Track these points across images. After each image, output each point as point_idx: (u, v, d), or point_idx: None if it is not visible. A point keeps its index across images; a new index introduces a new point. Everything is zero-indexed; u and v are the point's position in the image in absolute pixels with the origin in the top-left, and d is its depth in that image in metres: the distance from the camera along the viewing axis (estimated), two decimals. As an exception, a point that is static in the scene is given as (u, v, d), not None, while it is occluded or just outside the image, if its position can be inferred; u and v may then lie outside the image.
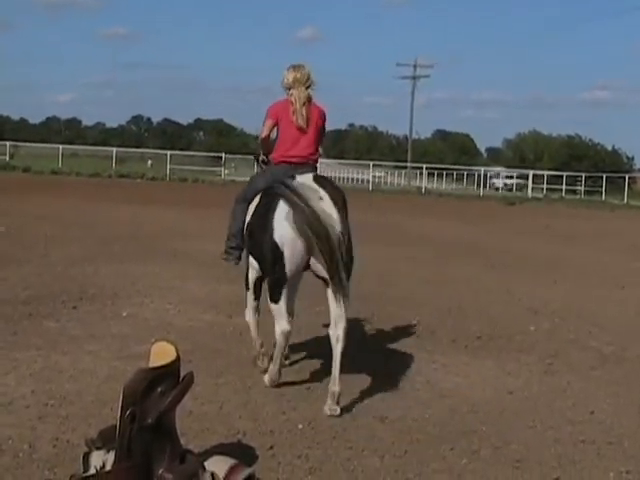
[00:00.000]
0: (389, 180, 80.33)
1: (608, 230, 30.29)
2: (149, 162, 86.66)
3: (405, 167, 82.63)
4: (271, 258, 6.75)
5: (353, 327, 9.61)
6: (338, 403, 6.44)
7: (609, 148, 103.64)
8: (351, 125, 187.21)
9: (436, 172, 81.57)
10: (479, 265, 16.26)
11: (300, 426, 6.01)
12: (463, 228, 26.77)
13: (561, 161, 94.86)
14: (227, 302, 10.68)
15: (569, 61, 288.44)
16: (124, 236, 17.49)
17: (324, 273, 6.72)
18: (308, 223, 6.39)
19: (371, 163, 72.13)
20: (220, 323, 9.46)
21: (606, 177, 62.93)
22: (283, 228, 6.60)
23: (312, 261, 6.75)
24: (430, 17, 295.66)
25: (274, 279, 6.90)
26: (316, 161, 7.71)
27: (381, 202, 39.88)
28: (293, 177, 6.84)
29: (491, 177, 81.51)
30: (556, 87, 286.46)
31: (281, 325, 6.96)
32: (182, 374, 4.22)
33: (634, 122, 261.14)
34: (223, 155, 66.37)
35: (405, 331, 9.64)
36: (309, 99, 7.54)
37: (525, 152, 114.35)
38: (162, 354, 4.20)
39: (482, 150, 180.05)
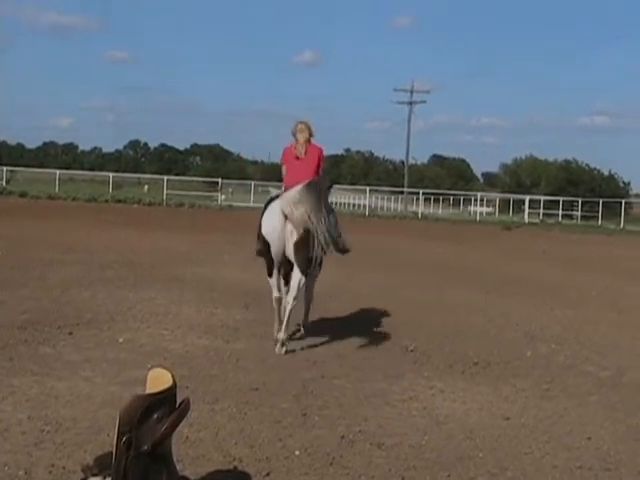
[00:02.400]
0: (385, 205, 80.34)
1: (605, 255, 30.31)
2: (145, 187, 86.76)
3: (402, 192, 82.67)
4: (263, 246, 10.05)
5: (351, 352, 9.63)
6: (283, 346, 9.49)
7: (606, 173, 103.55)
8: (347, 150, 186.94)
9: (432, 197, 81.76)
10: (476, 290, 16.26)
11: (297, 452, 5.99)
12: (460, 253, 26.79)
13: (558, 186, 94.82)
14: (224, 327, 10.69)
15: (566, 86, 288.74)
16: (120, 261, 17.48)
17: (291, 258, 9.81)
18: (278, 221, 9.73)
19: (367, 188, 72.22)
20: (217, 348, 9.44)
21: (602, 202, 62.99)
22: (265, 226, 9.99)
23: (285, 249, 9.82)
24: (429, 42, 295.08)
25: (267, 260, 10.14)
26: None
27: (378, 227, 39.92)
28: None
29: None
30: (553, 112, 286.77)
31: (273, 293, 10.24)
32: (178, 400, 4.22)
33: (630, 147, 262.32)
34: (219, 180, 66.44)
35: (402, 356, 9.63)
36: (308, 140, 10.60)
37: (522, 177, 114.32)
38: (158, 380, 4.20)
39: (478, 175, 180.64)
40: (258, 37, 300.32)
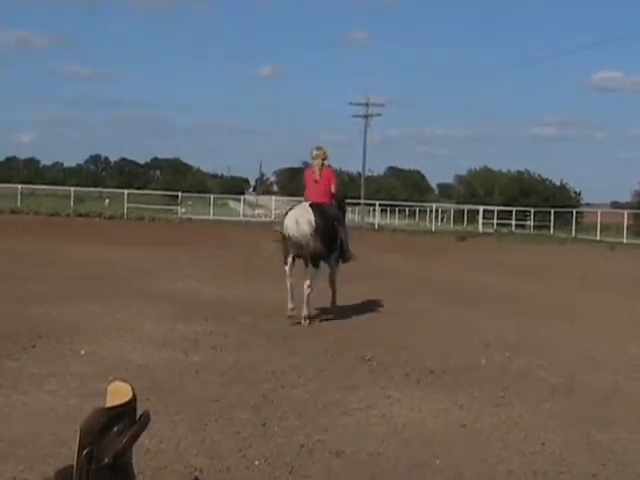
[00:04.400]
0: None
1: (557, 263, 30.54)
2: (107, 201, 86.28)
3: (358, 203, 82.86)
4: (283, 241, 12.83)
5: (309, 363, 9.63)
6: (306, 320, 12.63)
7: (557, 183, 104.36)
8: (305, 163, 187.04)
9: (389, 208, 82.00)
10: (432, 299, 16.33)
11: (256, 462, 5.99)
12: (416, 263, 26.90)
13: (511, 196, 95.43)
14: (183, 339, 10.67)
15: (518, 98, 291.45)
16: (82, 274, 17.38)
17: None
18: (290, 225, 12.62)
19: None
20: (177, 361, 9.41)
21: (554, 212, 63.50)
22: (285, 227, 12.69)
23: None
24: (384, 56, 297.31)
25: (283, 251, 12.89)
26: (328, 201, 13.59)
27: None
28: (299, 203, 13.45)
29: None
30: (505, 123, 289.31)
31: (287, 279, 12.78)
32: (139, 413, 4.21)
33: (580, 157, 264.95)
34: (179, 194, 66.33)
35: (360, 366, 9.64)
36: (323, 165, 13.86)
37: (476, 187, 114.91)
38: (118, 393, 4.18)
39: (434, 186, 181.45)
40: (218, 51, 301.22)
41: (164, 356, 9.66)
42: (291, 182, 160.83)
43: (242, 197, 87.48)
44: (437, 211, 77.75)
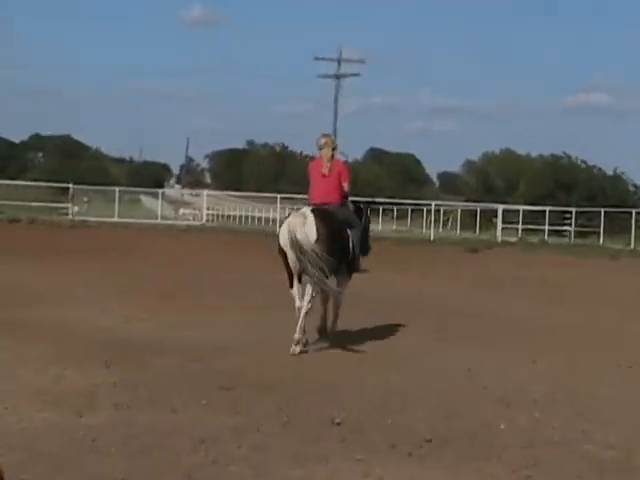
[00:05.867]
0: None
1: (607, 285, 30.52)
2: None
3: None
4: (281, 256, 14.60)
5: (253, 426, 9.62)
6: (297, 344, 13.98)
7: (609, 173, 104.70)
8: (251, 143, 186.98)
9: (369, 207, 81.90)
10: (429, 334, 16.36)
11: None
12: (408, 282, 26.96)
13: (543, 191, 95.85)
14: (76, 394, 10.62)
15: (552, 51, 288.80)
16: None
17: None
18: (285, 236, 14.21)
19: (278, 196, 71.70)
20: (66, 424, 9.37)
21: (605, 212, 63.43)
22: (280, 239, 14.46)
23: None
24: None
25: (287, 271, 14.69)
26: (338, 200, 15.36)
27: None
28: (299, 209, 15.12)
29: None
30: (535, 88, 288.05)
31: (295, 302, 14.55)
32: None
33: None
34: (71, 185, 65.85)
35: (326, 431, 9.63)
36: (333, 156, 15.55)
37: (493, 178, 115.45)
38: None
39: (433, 176, 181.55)
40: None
41: (48, 417, 9.63)
42: (230, 169, 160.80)
43: (161, 191, 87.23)
44: (438, 211, 77.83)
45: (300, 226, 14.15)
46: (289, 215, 14.85)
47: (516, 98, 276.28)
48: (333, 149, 15.62)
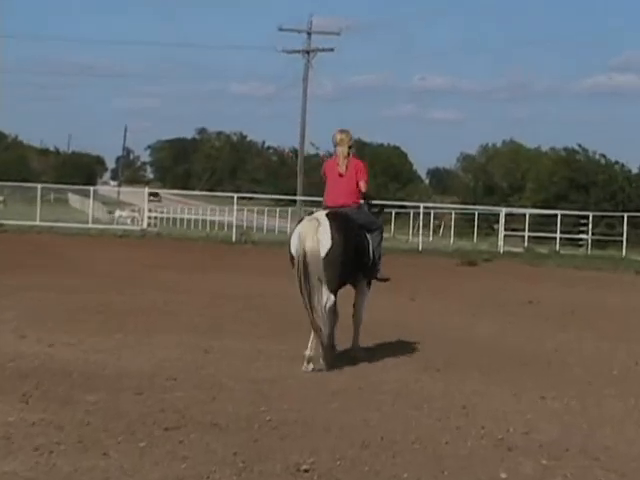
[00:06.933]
0: (267, 224, 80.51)
1: (630, 305, 30.59)
2: None
3: (294, 202, 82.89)
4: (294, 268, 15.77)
5: (197, 477, 9.57)
6: (308, 363, 15.49)
7: (634, 170, 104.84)
8: (202, 132, 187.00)
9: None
10: (417, 364, 16.39)
11: None
12: (389, 302, 26.94)
13: (555, 191, 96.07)
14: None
15: (567, 24, 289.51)
16: None
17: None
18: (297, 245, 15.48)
19: (235, 196, 71.69)
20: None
21: (628, 218, 63.62)
22: (291, 248, 15.85)
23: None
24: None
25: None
26: (355, 202, 16.86)
27: (252, 262, 39.86)
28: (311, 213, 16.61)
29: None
30: (546, 68, 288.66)
31: (309, 315, 15.68)
32: None
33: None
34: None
35: (291, 482, 9.63)
36: (349, 154, 16.94)
37: (495, 176, 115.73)
38: None
39: (422, 172, 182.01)
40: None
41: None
42: (178, 165, 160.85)
43: (92, 189, 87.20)
44: (428, 215, 78.01)
45: (313, 233, 15.30)
46: (302, 219, 16.06)
47: (525, 78, 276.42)
48: (350, 147, 16.97)
